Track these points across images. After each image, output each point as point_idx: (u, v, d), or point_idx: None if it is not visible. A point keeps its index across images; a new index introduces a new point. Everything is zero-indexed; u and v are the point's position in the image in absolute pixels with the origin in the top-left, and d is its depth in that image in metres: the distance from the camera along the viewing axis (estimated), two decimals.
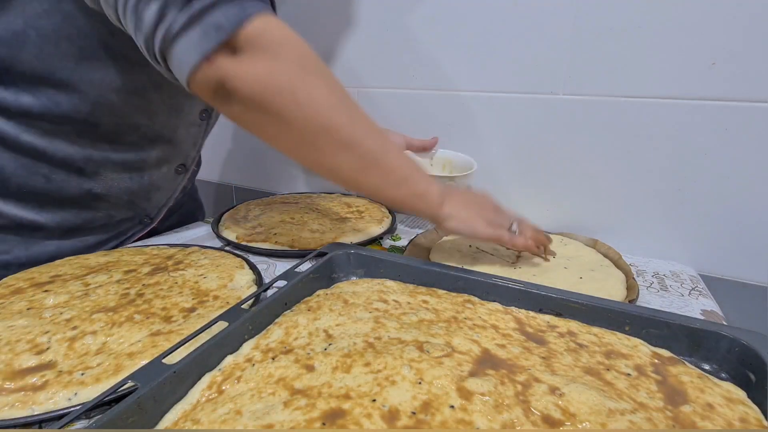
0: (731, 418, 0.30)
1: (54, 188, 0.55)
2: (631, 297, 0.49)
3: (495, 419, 0.29)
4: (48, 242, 0.57)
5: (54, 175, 0.54)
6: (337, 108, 0.40)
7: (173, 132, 0.61)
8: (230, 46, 0.36)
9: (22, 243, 0.55)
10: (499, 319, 0.41)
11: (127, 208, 0.63)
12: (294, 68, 0.37)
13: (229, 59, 0.36)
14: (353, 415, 0.29)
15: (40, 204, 0.55)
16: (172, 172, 0.66)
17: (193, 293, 0.46)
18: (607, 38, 0.62)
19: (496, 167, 0.75)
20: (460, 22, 0.71)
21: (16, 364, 0.35)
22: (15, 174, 0.52)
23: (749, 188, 0.59)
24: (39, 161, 0.53)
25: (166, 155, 0.63)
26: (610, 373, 0.35)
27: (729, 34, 0.56)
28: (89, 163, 0.55)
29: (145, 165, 0.60)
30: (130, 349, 0.37)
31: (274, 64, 0.37)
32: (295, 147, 0.42)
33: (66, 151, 0.53)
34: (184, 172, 0.68)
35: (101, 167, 0.57)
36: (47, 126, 0.52)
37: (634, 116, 0.63)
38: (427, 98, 0.77)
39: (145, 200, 0.64)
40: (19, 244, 0.55)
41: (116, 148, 0.57)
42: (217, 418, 0.29)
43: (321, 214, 0.75)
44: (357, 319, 0.40)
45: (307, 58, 0.39)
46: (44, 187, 0.54)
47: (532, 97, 0.69)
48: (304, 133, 0.40)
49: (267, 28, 0.37)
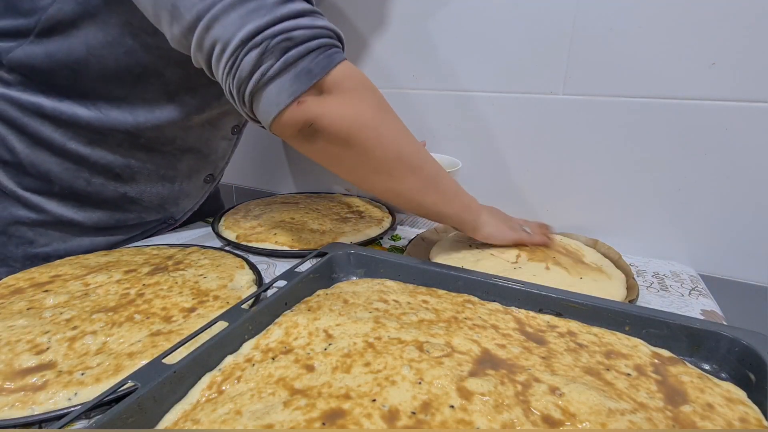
0: (731, 418, 0.30)
1: (93, 191, 0.59)
2: (631, 297, 0.49)
3: (495, 419, 0.29)
4: (83, 238, 0.61)
5: (94, 179, 0.59)
6: (406, 138, 0.46)
7: (205, 144, 0.65)
8: (318, 89, 0.41)
9: (61, 238, 0.60)
10: (499, 319, 0.41)
11: (156, 211, 0.67)
12: (374, 107, 0.43)
13: (317, 100, 0.41)
14: (353, 415, 0.29)
15: (80, 204, 0.60)
16: (201, 181, 0.70)
17: (193, 293, 0.46)
18: (607, 38, 0.62)
19: (495, 167, 0.75)
20: (460, 22, 0.71)
21: (16, 364, 0.35)
22: (60, 177, 0.57)
23: (749, 188, 0.59)
24: (81, 166, 0.57)
25: (197, 166, 0.67)
26: (610, 373, 0.35)
27: (729, 34, 0.56)
28: (126, 170, 0.60)
29: (177, 174, 0.65)
30: (130, 349, 0.37)
31: (358, 104, 0.42)
32: (369, 175, 0.47)
33: (106, 158, 0.58)
34: (211, 181, 0.72)
35: (137, 174, 0.61)
36: (93, 135, 0.56)
37: (634, 116, 0.63)
38: (427, 98, 0.77)
39: (174, 205, 0.69)
40: (59, 238, 0.60)
41: (152, 158, 0.61)
42: (217, 418, 0.29)
43: (321, 214, 0.75)
44: (357, 319, 0.40)
45: (381, 99, 0.45)
46: (85, 189, 0.59)
47: (531, 97, 0.69)
48: (382, 161, 0.45)
49: (349, 73, 0.42)
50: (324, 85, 0.41)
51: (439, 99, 0.76)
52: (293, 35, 0.39)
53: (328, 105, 0.41)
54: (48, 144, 0.55)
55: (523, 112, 0.70)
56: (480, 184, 0.76)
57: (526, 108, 0.70)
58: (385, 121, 0.44)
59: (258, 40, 0.38)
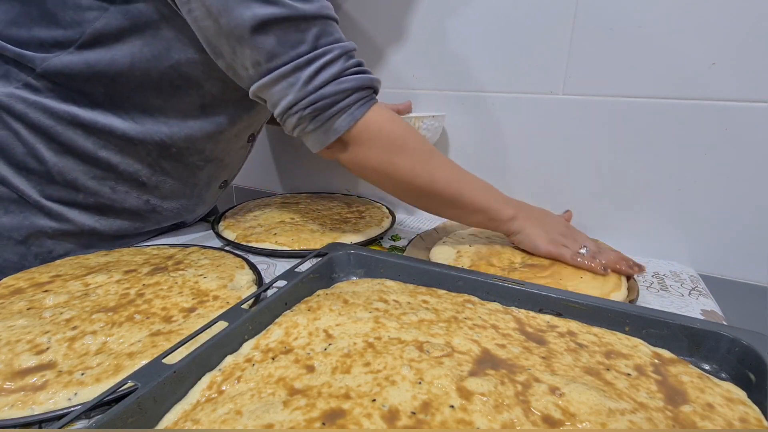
0: (731, 418, 0.30)
1: (117, 198, 0.60)
2: (631, 297, 0.49)
3: (495, 419, 0.29)
4: (102, 244, 0.62)
5: (119, 186, 0.59)
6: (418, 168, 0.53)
7: (226, 154, 0.67)
8: (341, 141, 0.51)
9: (81, 247, 0.60)
10: (499, 319, 0.41)
11: (173, 218, 0.68)
12: (382, 153, 0.52)
13: (340, 148, 0.52)
14: (353, 415, 0.29)
15: (102, 212, 0.60)
16: (216, 188, 0.71)
17: (193, 293, 0.46)
18: (607, 38, 0.62)
19: (495, 167, 0.75)
20: (460, 22, 0.71)
21: (16, 364, 0.35)
22: (86, 185, 0.57)
23: (749, 188, 0.59)
24: (109, 173, 0.58)
25: (216, 174, 0.68)
26: (610, 373, 0.35)
27: (729, 34, 0.56)
28: (152, 178, 0.61)
29: (198, 182, 0.66)
30: (130, 349, 0.37)
31: (367, 152, 0.52)
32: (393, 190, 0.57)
33: (134, 166, 0.59)
34: (224, 187, 0.74)
35: (161, 183, 0.62)
36: (124, 144, 0.57)
37: (633, 116, 0.63)
38: (427, 98, 0.77)
39: (190, 212, 0.70)
40: (78, 248, 0.60)
41: (176, 167, 0.62)
42: (217, 418, 0.29)
43: (321, 214, 0.75)
44: (357, 319, 0.40)
45: (392, 142, 0.52)
46: (109, 197, 0.59)
47: (531, 97, 0.69)
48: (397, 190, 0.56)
49: (365, 127, 0.51)
50: (346, 138, 0.51)
51: (439, 99, 0.76)
52: (317, 106, 0.48)
53: (346, 153, 0.53)
54: (80, 152, 0.55)
55: (523, 112, 0.70)
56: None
57: (525, 108, 0.70)
58: (393, 161, 0.53)
59: (293, 111, 0.49)
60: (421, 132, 0.69)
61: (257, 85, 0.49)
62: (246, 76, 0.49)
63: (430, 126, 0.70)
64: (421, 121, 0.69)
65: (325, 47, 0.48)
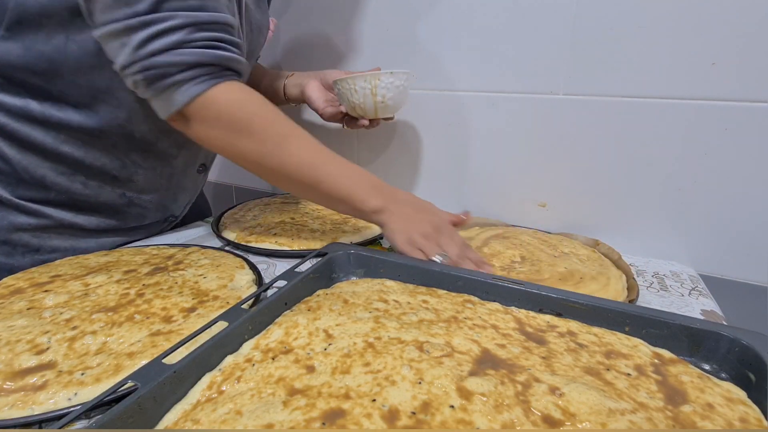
0: (731, 418, 0.30)
1: (91, 194, 0.59)
2: (631, 297, 0.49)
3: (495, 419, 0.29)
4: (89, 239, 0.61)
5: (90, 181, 0.58)
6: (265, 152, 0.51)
7: None
8: (183, 115, 0.49)
9: (66, 241, 0.59)
10: (499, 319, 0.41)
11: (156, 209, 0.67)
12: (223, 134, 0.51)
13: (183, 122, 0.50)
14: (353, 415, 0.29)
15: (78, 208, 0.59)
16: (194, 173, 0.70)
17: (193, 293, 0.46)
18: (607, 38, 0.62)
19: (495, 167, 0.75)
20: (460, 22, 0.71)
21: (16, 364, 0.35)
22: (55, 182, 0.56)
23: (749, 188, 0.59)
24: (77, 170, 0.57)
25: (192, 157, 0.67)
26: (610, 373, 0.35)
27: (729, 34, 0.56)
28: (123, 171, 0.59)
29: (173, 170, 0.65)
30: (130, 349, 0.37)
31: (208, 131, 0.50)
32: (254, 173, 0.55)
33: (101, 160, 0.57)
34: (204, 171, 0.72)
35: (134, 175, 0.61)
36: (85, 137, 0.55)
37: (634, 116, 0.63)
38: (427, 98, 0.77)
39: (172, 202, 0.68)
40: (64, 243, 0.59)
41: (146, 157, 0.61)
42: (217, 418, 0.29)
43: (321, 214, 0.75)
44: (357, 319, 0.40)
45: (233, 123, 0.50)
46: (82, 192, 0.58)
47: (531, 97, 0.69)
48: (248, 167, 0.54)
49: (203, 106, 0.48)
50: (186, 113, 0.49)
51: (439, 99, 0.76)
52: (149, 75, 0.46)
53: (190, 129, 0.51)
54: (41, 148, 0.54)
55: (524, 112, 0.70)
56: (480, 183, 0.76)
57: (526, 108, 0.70)
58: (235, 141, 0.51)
59: (126, 73, 0.46)
60: (379, 92, 0.64)
61: (96, 37, 0.45)
62: (90, 24, 0.46)
63: (388, 84, 0.64)
64: (378, 78, 0.64)
65: (168, 12, 0.44)
